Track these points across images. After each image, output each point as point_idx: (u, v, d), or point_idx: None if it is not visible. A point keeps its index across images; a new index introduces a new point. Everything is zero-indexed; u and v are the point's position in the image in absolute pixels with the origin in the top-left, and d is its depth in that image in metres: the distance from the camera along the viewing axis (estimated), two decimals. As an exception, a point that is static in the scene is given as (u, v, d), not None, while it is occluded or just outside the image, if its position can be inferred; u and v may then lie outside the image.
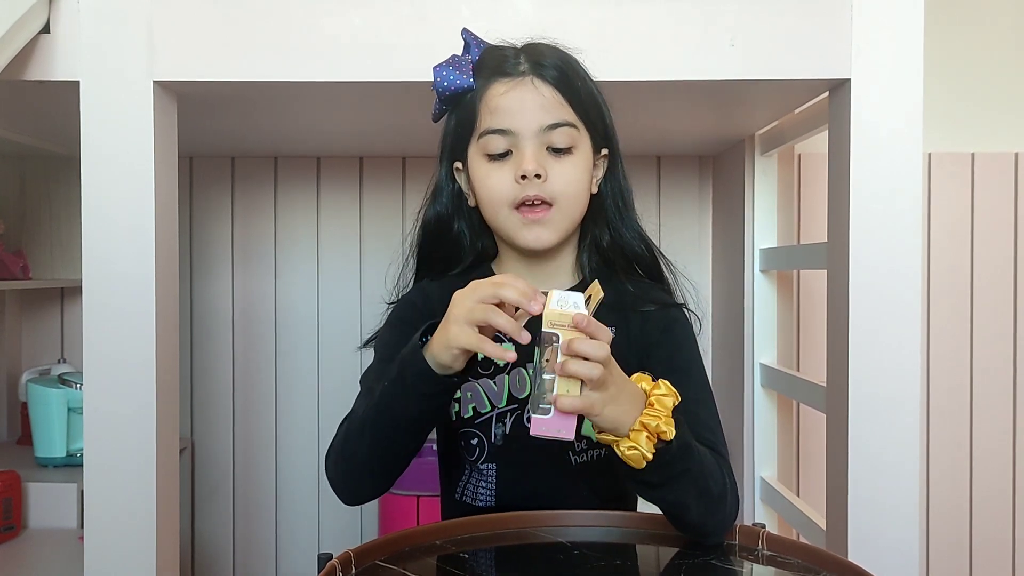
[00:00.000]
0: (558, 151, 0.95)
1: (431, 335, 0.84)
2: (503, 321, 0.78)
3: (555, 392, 0.77)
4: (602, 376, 0.76)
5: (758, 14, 1.19)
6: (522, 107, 0.94)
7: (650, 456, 0.80)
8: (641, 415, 0.80)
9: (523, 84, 0.95)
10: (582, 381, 0.77)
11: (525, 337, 0.78)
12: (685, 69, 1.20)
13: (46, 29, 1.18)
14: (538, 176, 0.92)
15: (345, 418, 0.95)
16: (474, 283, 0.82)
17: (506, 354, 0.78)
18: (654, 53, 1.20)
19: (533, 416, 0.78)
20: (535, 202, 0.94)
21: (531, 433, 0.78)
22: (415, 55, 1.18)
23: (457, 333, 0.79)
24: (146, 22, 1.17)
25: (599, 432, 0.81)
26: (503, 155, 0.95)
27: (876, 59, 1.19)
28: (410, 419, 0.86)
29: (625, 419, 0.80)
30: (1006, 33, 2.02)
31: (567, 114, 0.95)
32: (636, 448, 0.79)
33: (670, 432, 0.80)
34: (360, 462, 0.90)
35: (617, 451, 0.81)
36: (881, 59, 1.19)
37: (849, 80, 1.20)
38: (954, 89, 2.00)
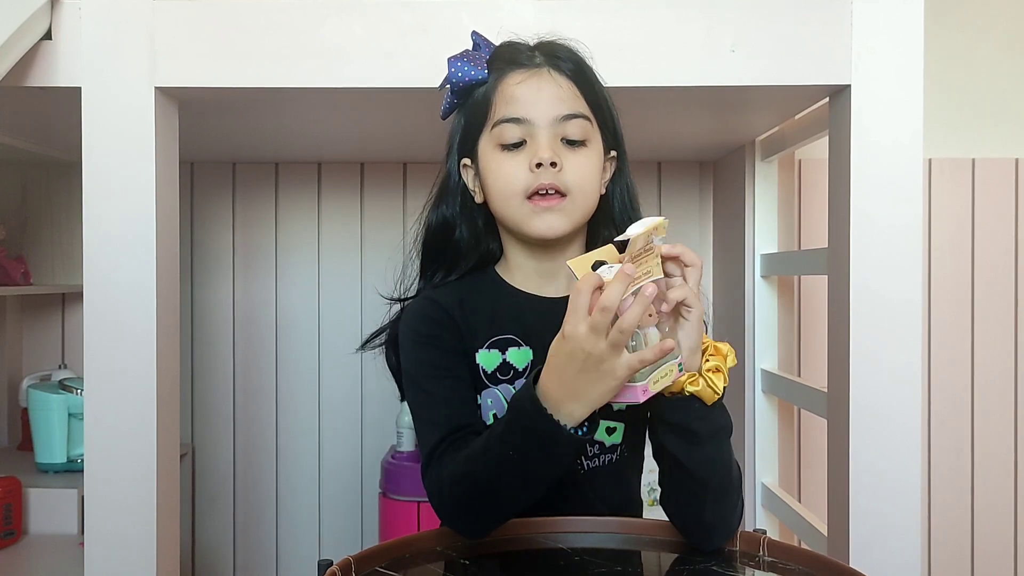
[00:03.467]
0: (572, 143, 0.94)
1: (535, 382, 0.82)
2: (639, 310, 0.77)
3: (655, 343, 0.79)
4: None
5: (758, 20, 1.20)
6: (538, 96, 0.93)
7: (721, 392, 0.83)
8: (709, 358, 0.84)
9: (540, 74, 0.94)
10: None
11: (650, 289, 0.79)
12: (686, 75, 1.21)
13: (48, 35, 1.18)
14: (553, 165, 0.92)
15: (434, 461, 0.90)
16: (591, 325, 0.77)
17: (663, 352, 0.79)
18: (654, 59, 1.20)
19: (628, 385, 0.79)
20: (549, 191, 0.92)
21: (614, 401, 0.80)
22: (415, 62, 1.18)
23: (624, 370, 0.78)
24: (148, 29, 1.18)
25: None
26: (517, 145, 0.94)
27: (876, 65, 1.19)
28: (560, 473, 0.85)
29: (698, 356, 0.84)
30: (1006, 39, 2.03)
31: (582, 106, 0.95)
32: (712, 385, 0.83)
33: (727, 378, 0.85)
34: (504, 514, 0.88)
35: (691, 388, 0.83)
36: (881, 65, 1.19)
37: (849, 86, 1.20)
38: (954, 95, 2.00)
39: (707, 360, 0.84)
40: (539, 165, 0.92)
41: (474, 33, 1.00)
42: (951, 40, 1.99)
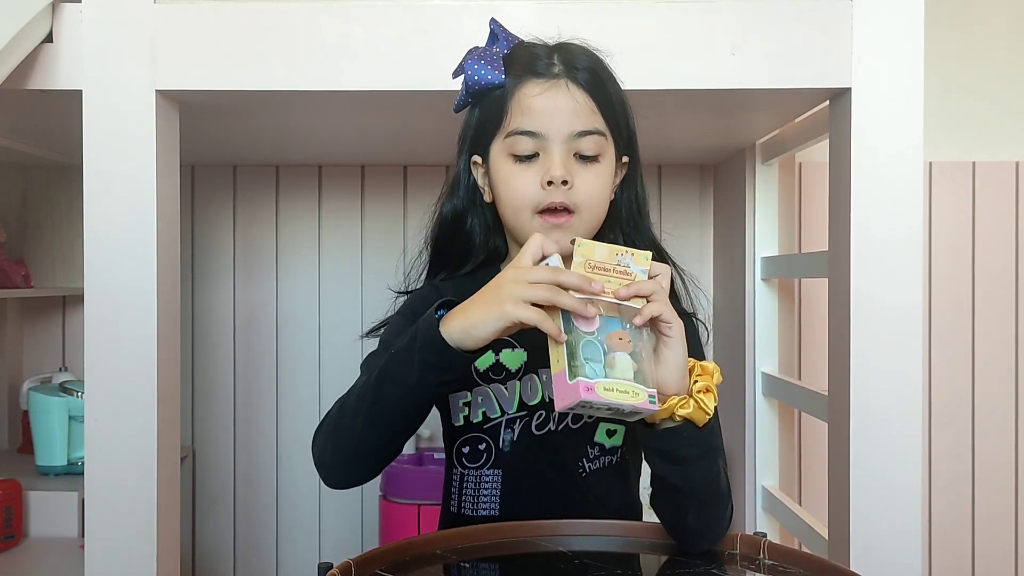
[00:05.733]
0: (585, 158, 0.93)
1: (446, 310, 0.83)
2: (569, 301, 0.77)
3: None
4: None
5: (759, 23, 1.20)
6: (555, 111, 0.92)
7: (712, 412, 0.81)
8: (696, 379, 0.82)
9: (557, 87, 0.93)
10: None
11: (592, 312, 0.79)
12: (686, 78, 1.21)
13: (49, 38, 1.18)
14: (564, 183, 0.91)
15: (338, 400, 0.93)
16: (525, 267, 0.80)
17: (561, 335, 0.77)
18: (655, 62, 1.20)
19: (568, 382, 0.76)
20: (558, 208, 0.92)
21: (558, 407, 0.78)
22: (416, 65, 1.18)
23: (512, 309, 0.77)
24: (149, 31, 1.18)
25: (663, 400, 0.80)
26: (530, 157, 0.93)
27: (876, 68, 1.19)
28: (408, 387, 0.84)
29: (686, 377, 0.82)
30: (1007, 41, 2.03)
31: (597, 121, 0.94)
32: (703, 406, 0.81)
33: (716, 397, 0.82)
34: (352, 439, 0.88)
35: (682, 412, 0.81)
36: (881, 68, 1.20)
37: (849, 89, 1.20)
38: (955, 98, 2.00)
39: (695, 381, 0.82)
40: (550, 183, 0.91)
41: (492, 21, 0.99)
42: (952, 42, 1.99)
